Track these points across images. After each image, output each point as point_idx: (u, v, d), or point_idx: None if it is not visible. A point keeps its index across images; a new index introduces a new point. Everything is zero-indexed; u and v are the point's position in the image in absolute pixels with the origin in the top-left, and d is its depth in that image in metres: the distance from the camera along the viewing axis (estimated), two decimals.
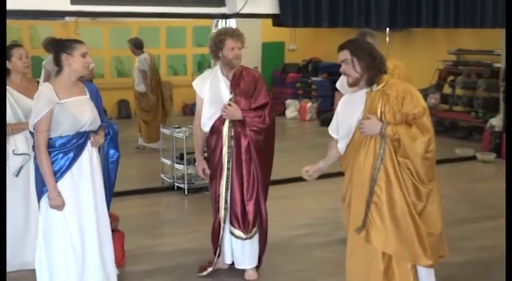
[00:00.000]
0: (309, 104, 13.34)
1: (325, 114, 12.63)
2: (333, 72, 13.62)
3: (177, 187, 7.58)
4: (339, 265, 5.05)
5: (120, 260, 4.97)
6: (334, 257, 5.28)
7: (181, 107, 13.40)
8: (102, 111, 4.25)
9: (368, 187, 3.71)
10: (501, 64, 9.66)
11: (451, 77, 11.50)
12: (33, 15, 9.42)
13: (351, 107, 3.87)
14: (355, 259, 3.86)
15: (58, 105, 3.91)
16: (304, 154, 9.85)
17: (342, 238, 5.63)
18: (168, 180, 7.76)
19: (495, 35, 9.43)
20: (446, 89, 11.50)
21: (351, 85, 3.83)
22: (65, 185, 3.98)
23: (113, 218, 4.66)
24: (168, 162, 7.83)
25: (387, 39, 9.15)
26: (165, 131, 7.94)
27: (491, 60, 10.52)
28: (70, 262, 4.04)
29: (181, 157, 7.59)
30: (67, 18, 11.76)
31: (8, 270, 4.46)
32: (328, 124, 4.03)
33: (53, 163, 3.94)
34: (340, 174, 3.97)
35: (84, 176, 4.05)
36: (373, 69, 3.75)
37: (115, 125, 4.35)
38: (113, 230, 4.55)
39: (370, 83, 3.77)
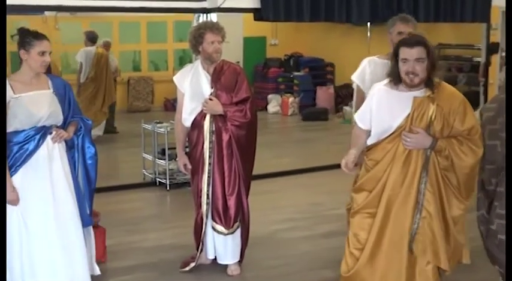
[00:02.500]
0: (291, 99, 13.32)
1: (307, 109, 12.62)
2: (315, 67, 13.71)
3: (159, 182, 7.54)
4: (322, 259, 5.10)
5: (101, 256, 4.94)
6: (317, 251, 5.30)
7: (162, 102, 13.34)
8: (74, 106, 4.16)
9: (405, 198, 3.54)
10: (481, 58, 9.72)
11: None
12: (12, 10, 9.29)
13: (397, 106, 3.56)
14: (383, 264, 3.66)
15: (13, 100, 3.86)
16: (286, 149, 9.88)
17: (324, 232, 5.68)
18: (150, 175, 7.72)
19: (475, 29, 9.46)
20: None
21: (414, 86, 3.50)
22: (16, 180, 3.89)
23: (94, 214, 4.62)
24: (150, 157, 7.79)
25: (368, 34, 9.17)
26: (146, 126, 7.90)
27: (471, 55, 10.59)
28: (15, 258, 3.91)
29: (163, 152, 7.56)
30: (46, 13, 11.63)
31: None
32: (310, 119, 3.93)
33: (7, 157, 3.82)
34: (322, 168, 3.95)
35: (41, 172, 3.94)
36: (436, 70, 3.52)
37: (89, 121, 4.26)
38: (94, 226, 4.53)
39: (431, 86, 3.50)
